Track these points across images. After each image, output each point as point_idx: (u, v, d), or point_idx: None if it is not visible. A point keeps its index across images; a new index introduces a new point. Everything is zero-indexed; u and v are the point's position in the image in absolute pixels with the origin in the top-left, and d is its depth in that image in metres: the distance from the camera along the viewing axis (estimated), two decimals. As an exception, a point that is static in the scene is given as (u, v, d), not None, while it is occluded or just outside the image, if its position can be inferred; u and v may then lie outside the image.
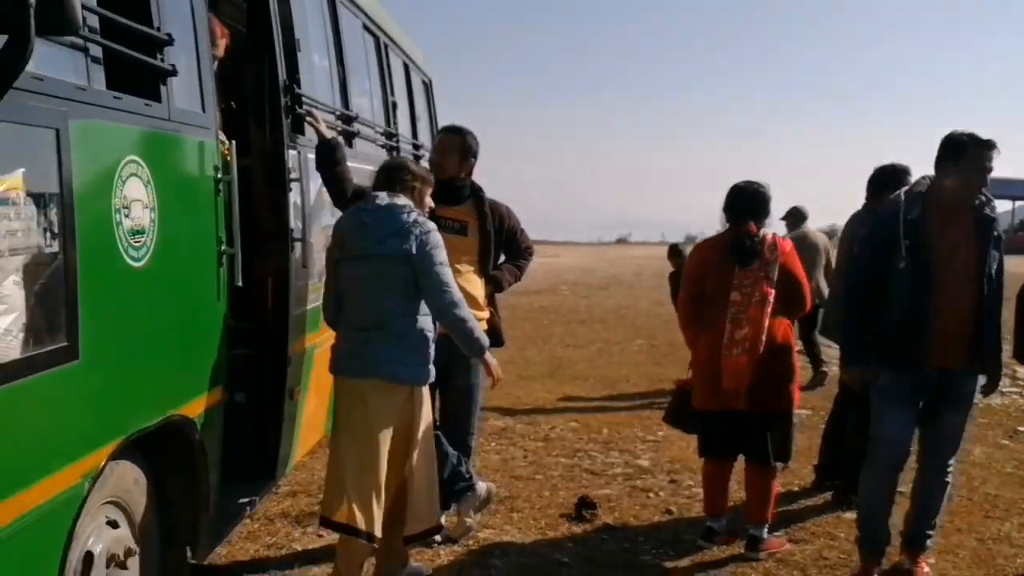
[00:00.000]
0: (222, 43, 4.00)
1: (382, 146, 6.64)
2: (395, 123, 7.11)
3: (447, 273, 3.65)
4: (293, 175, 4.21)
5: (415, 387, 3.75)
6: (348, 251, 3.70)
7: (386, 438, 3.67)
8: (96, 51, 2.55)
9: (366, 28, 6.40)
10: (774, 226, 4.56)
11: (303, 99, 4.38)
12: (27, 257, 2.17)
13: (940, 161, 3.92)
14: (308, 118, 4.36)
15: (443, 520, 4.60)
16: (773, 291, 4.32)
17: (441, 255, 3.64)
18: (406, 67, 8.04)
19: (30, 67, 2.00)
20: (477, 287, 4.43)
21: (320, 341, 4.74)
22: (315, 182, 4.52)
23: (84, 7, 2.39)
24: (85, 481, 2.48)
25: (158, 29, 2.89)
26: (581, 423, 7.30)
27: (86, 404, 2.48)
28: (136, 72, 2.83)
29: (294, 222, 4.21)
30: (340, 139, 4.58)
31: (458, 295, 3.67)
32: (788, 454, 4.59)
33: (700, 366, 4.51)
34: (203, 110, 3.28)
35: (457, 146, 4.50)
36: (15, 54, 1.88)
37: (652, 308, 16.39)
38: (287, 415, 4.25)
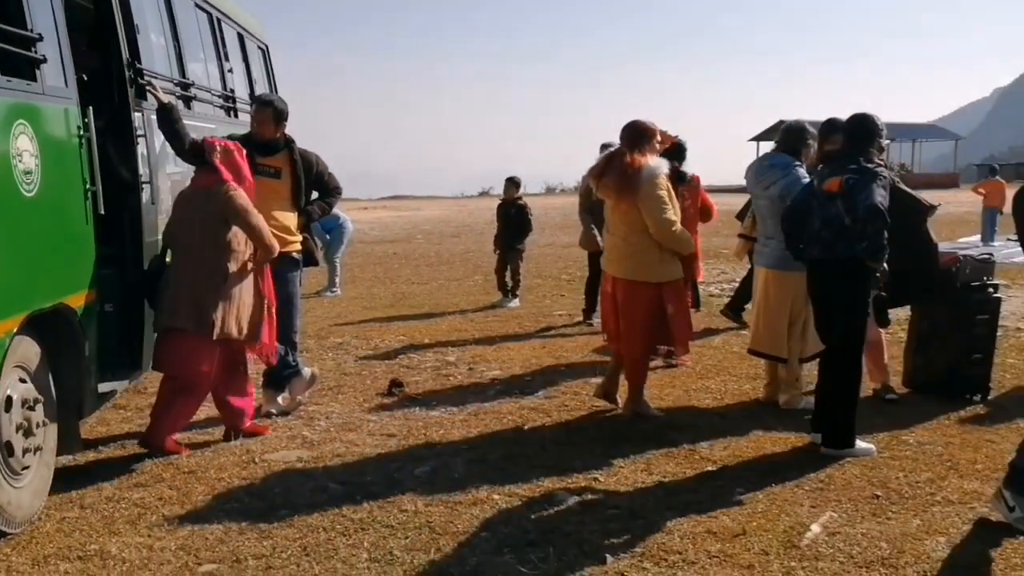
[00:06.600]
0: None
1: (219, 107, 7.81)
2: (231, 86, 8.26)
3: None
4: (139, 132, 5.40)
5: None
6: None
7: None
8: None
9: (197, 6, 7.51)
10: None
11: (144, 72, 5.56)
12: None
13: None
14: (148, 87, 5.54)
15: (279, 399, 5.95)
16: None
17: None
18: (240, 37, 9.13)
19: None
20: (290, 219, 5.72)
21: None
22: (159, 138, 5.71)
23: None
24: (6, 338, 3.71)
25: (31, 31, 4.06)
26: (407, 336, 8.73)
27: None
28: (16, 61, 4.01)
29: (142, 169, 5.41)
30: (175, 102, 5.77)
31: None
32: None
33: None
34: (66, 85, 4.45)
35: (271, 117, 5.70)
36: None
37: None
38: (145, 322, 5.48)
